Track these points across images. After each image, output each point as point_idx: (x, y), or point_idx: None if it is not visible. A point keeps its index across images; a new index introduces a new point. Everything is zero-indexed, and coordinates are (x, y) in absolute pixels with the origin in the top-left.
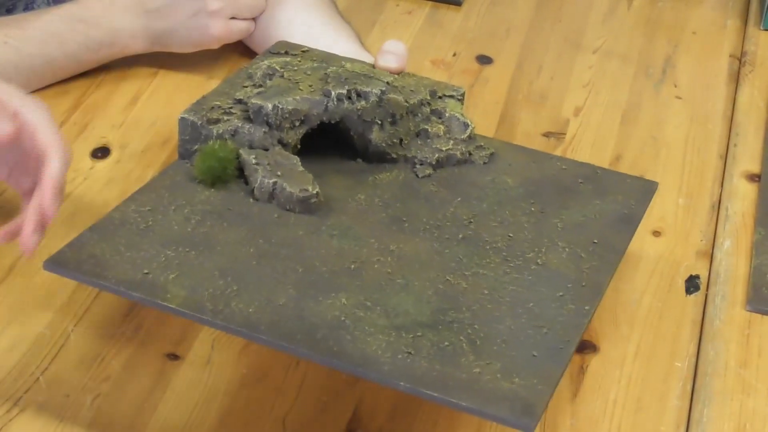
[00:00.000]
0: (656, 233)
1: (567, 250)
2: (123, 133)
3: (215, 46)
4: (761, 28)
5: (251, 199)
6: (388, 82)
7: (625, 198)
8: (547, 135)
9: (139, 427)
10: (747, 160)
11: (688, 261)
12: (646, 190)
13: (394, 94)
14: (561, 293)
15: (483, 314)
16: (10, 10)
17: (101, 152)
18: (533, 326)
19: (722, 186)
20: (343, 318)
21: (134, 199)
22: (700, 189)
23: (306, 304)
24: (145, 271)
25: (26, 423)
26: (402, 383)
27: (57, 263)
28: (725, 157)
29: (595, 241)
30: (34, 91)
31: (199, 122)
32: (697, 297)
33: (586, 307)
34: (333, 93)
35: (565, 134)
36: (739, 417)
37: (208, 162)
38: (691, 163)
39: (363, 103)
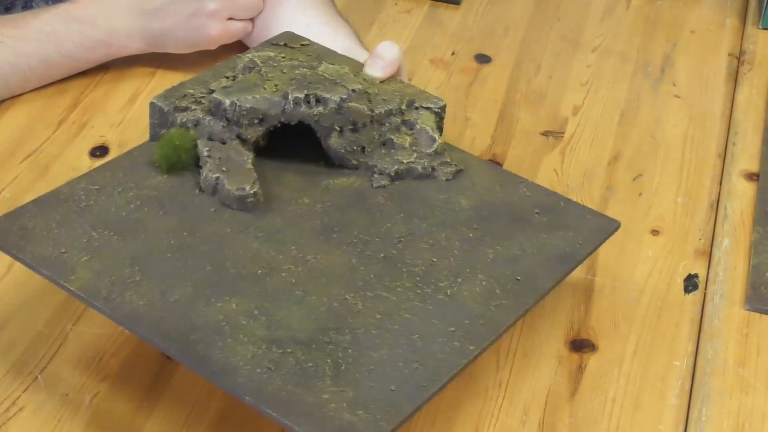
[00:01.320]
0: (655, 232)
1: (484, 283)
2: (121, 132)
3: (213, 47)
4: (760, 27)
5: (197, 191)
6: (354, 90)
7: (575, 235)
8: (545, 134)
9: (137, 426)
10: (746, 159)
11: (686, 260)
12: (602, 229)
13: (357, 103)
14: (453, 329)
15: (363, 340)
16: (8, 9)
17: (100, 151)
18: (407, 359)
19: (721, 185)
20: (224, 324)
21: (88, 176)
22: (699, 188)
23: (196, 304)
24: (63, 250)
25: (25, 422)
26: (248, 398)
27: None
28: (724, 156)
29: (519, 278)
30: (31, 91)
31: (167, 108)
32: (695, 296)
33: (471, 347)
34: (291, 96)
35: (563, 133)
36: (737, 416)
37: (165, 149)
38: (689, 162)
39: (321, 108)
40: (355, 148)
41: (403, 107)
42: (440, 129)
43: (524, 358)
